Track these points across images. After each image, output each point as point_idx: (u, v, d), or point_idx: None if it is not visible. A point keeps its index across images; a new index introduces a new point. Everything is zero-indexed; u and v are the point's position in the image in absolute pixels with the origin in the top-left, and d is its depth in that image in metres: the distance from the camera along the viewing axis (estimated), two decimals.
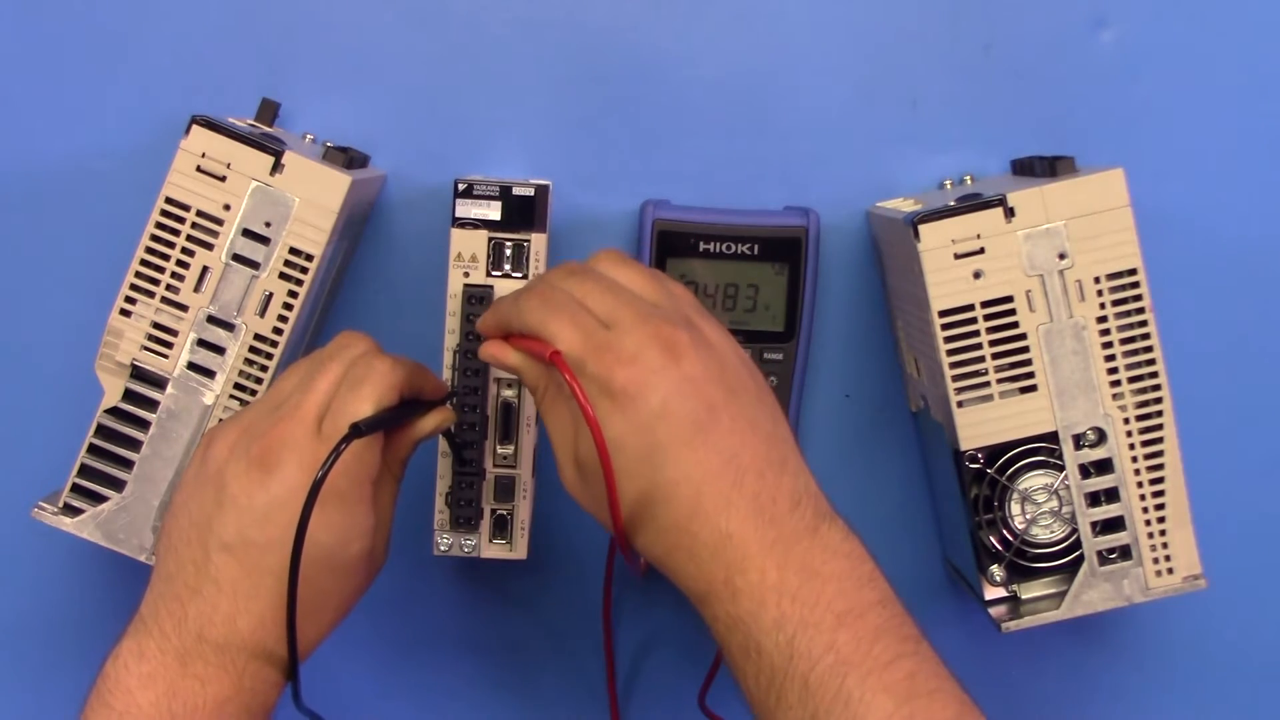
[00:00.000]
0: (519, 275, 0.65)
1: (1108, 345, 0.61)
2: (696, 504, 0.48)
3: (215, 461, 0.53)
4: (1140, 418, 0.62)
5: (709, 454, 0.48)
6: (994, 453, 0.62)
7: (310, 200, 0.61)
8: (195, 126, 0.61)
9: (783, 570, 0.46)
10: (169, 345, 0.62)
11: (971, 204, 0.60)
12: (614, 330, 0.49)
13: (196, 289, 0.62)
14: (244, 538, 0.52)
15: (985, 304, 0.61)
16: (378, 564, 0.57)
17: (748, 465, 0.48)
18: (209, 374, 0.63)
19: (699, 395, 0.48)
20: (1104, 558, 0.63)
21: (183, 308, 0.62)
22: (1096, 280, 0.61)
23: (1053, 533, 0.63)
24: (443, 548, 0.66)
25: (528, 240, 0.65)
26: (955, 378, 0.61)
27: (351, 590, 0.55)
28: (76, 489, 0.63)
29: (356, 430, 0.51)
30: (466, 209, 0.64)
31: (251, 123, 0.67)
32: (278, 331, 0.63)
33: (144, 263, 0.62)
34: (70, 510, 0.63)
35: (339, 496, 0.52)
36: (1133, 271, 0.61)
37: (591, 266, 0.54)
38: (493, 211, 0.64)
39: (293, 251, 0.62)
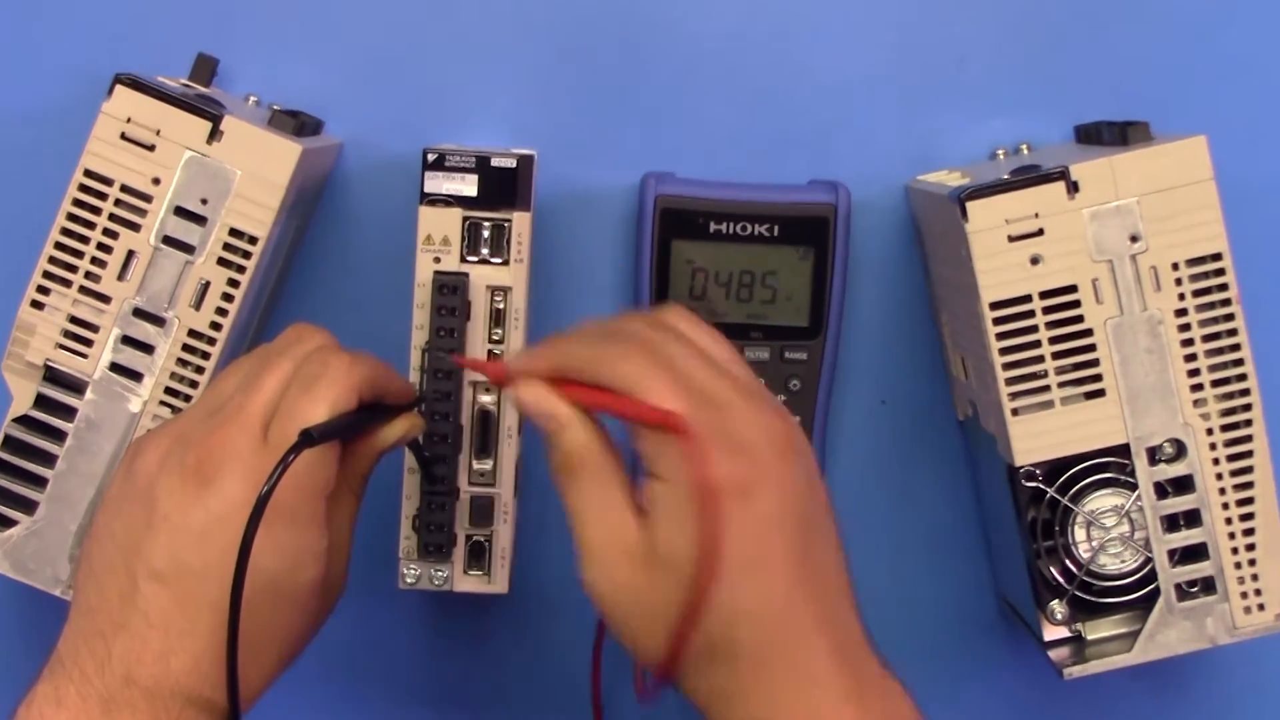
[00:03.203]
0: (498, 260, 0.65)
1: (1188, 343, 0.61)
2: (783, 633, 0.48)
3: (143, 474, 0.53)
4: (1226, 428, 0.62)
5: (807, 577, 0.49)
6: (1055, 469, 0.62)
7: (254, 173, 0.61)
8: (119, 87, 0.61)
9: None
10: (88, 343, 0.62)
11: (1028, 177, 0.60)
12: (724, 411, 0.49)
13: (121, 277, 0.62)
14: (177, 563, 0.52)
15: (1044, 294, 0.61)
16: (333, 595, 0.57)
17: (834, 595, 0.50)
18: (135, 376, 0.63)
19: (802, 506, 0.49)
20: (1183, 592, 0.63)
21: (104, 299, 0.62)
22: (1175, 266, 0.61)
23: (1123, 562, 0.63)
24: (409, 580, 0.66)
25: (508, 220, 0.65)
26: (1009, 381, 0.61)
27: (302, 626, 0.55)
28: None
29: (308, 437, 0.51)
30: (437, 183, 0.64)
31: (185, 82, 0.67)
32: (216, 327, 0.63)
33: (59, 246, 0.61)
34: None
35: (288, 515, 0.52)
36: (1217, 256, 0.61)
37: (672, 324, 0.53)
38: (468, 186, 0.64)
39: (233, 233, 0.62)
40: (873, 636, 0.50)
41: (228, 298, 0.62)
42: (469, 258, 0.65)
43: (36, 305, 0.62)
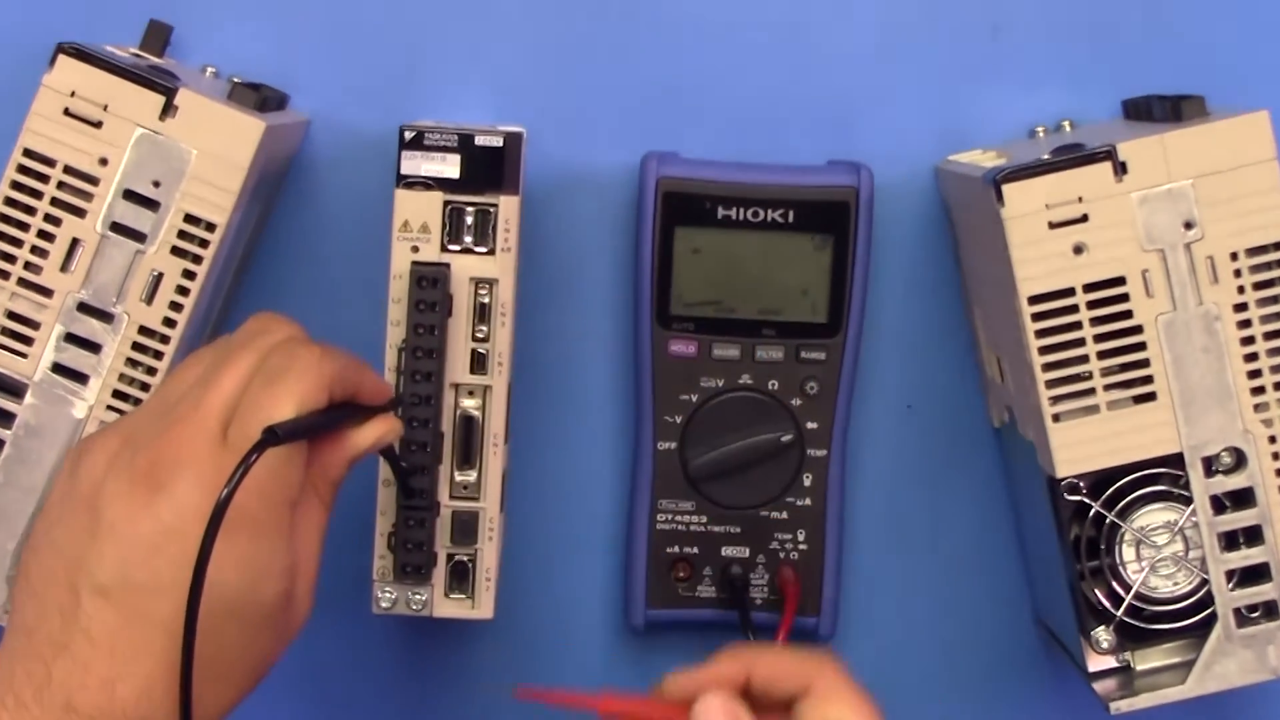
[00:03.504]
0: (483, 250, 0.65)
1: (1248, 340, 0.61)
2: None
3: (89, 479, 0.53)
4: None
5: None
6: (1101, 481, 0.62)
7: (212, 153, 0.61)
8: (62, 57, 0.61)
9: None
10: (28, 341, 0.62)
11: (1071, 157, 0.60)
12: None
13: (64, 268, 0.62)
14: (125, 578, 0.51)
15: (1089, 287, 0.61)
16: (299, 615, 0.56)
17: None
18: (80, 378, 0.63)
19: None
20: (1243, 617, 0.63)
21: (46, 292, 0.62)
22: (1234, 256, 0.61)
23: (1176, 585, 0.63)
24: (384, 604, 0.66)
25: (494, 205, 0.65)
26: (1050, 383, 0.61)
27: (264, 649, 0.55)
28: None
29: (273, 435, 0.51)
30: (415, 164, 0.64)
31: (136, 52, 0.67)
32: (170, 323, 0.62)
33: None
34: None
35: (249, 524, 0.52)
36: None
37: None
38: (449, 167, 0.64)
39: (189, 219, 0.62)
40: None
41: (183, 291, 0.62)
42: (450, 247, 0.65)
43: None
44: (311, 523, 0.57)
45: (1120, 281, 0.61)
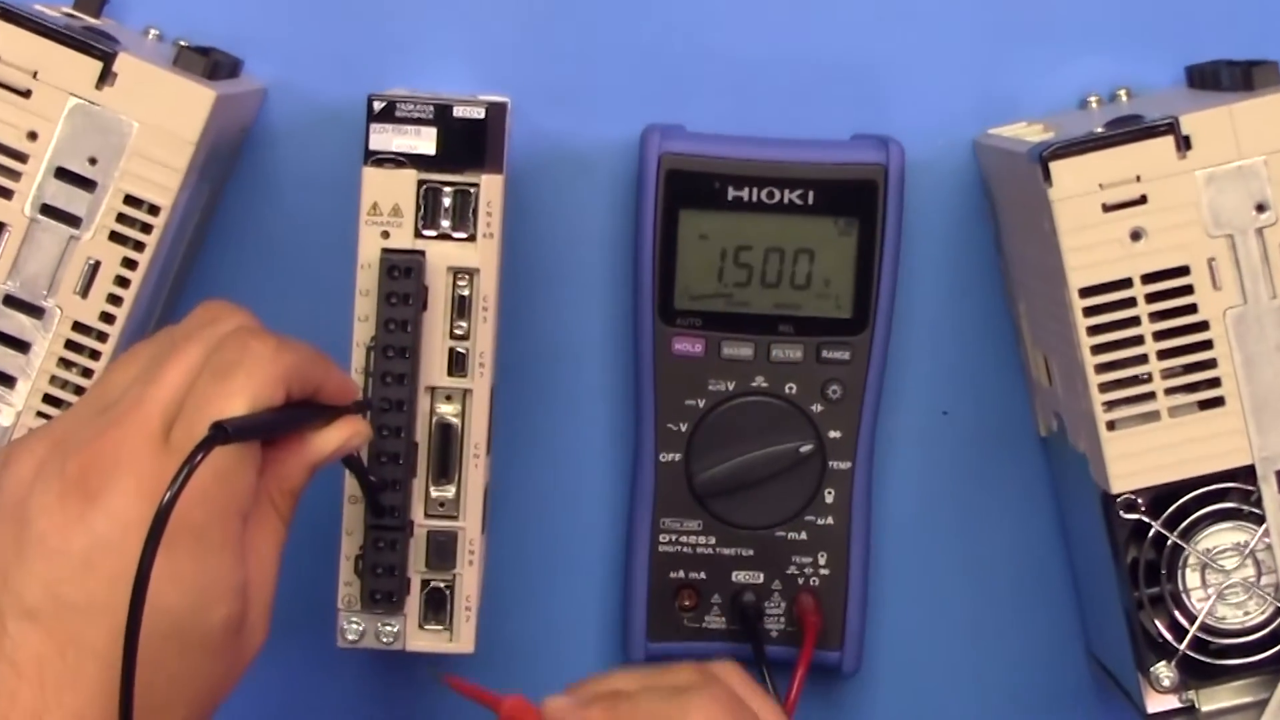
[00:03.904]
0: (462, 236, 0.64)
1: None
2: None
3: (14, 488, 0.53)
4: None
5: None
6: (1162, 497, 0.62)
7: (155, 126, 0.61)
8: None
9: None
10: None
11: (1128, 131, 0.60)
12: None
13: None
14: (55, 599, 0.51)
15: (1148, 278, 0.61)
16: (252, 643, 0.56)
17: None
18: (7, 381, 0.63)
19: None
20: None
21: None
22: None
23: (1247, 614, 0.63)
24: (351, 637, 0.66)
25: (475, 184, 0.64)
26: (1104, 386, 0.61)
27: (212, 680, 0.54)
28: None
29: (221, 432, 0.51)
30: (385, 138, 0.64)
31: (69, 12, 0.67)
32: (108, 319, 0.63)
33: None
34: None
35: (195, 536, 0.52)
36: None
37: (726, 687, 0.59)
38: (424, 142, 0.64)
39: (130, 201, 0.62)
40: None
41: (123, 282, 0.62)
42: (425, 232, 0.65)
43: None
44: (266, 537, 0.56)
45: (1183, 271, 0.61)
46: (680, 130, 0.69)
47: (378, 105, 0.64)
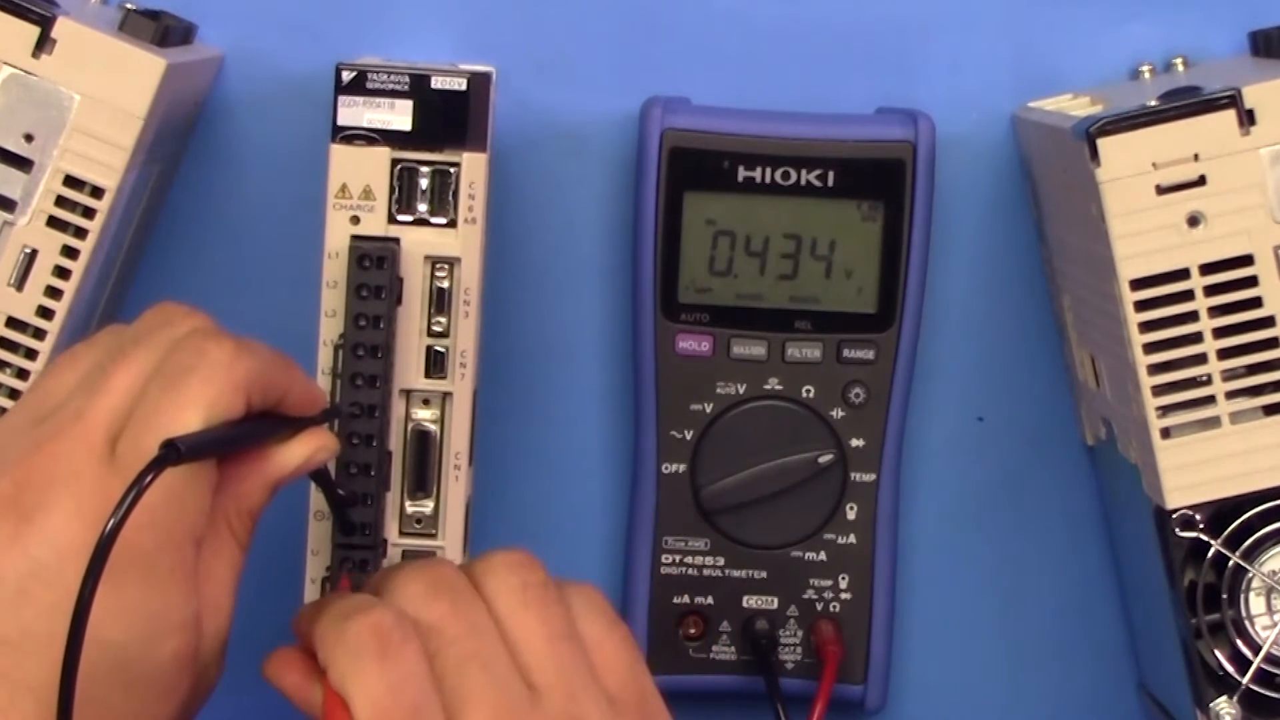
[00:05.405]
0: (441, 221, 0.64)
1: None
2: None
3: None
4: None
5: None
6: (1222, 513, 0.61)
7: (99, 98, 0.61)
8: None
9: None
10: None
11: (1185, 104, 0.59)
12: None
13: None
14: None
15: (1207, 268, 0.60)
16: (206, 682, 0.56)
17: None
18: None
19: None
20: None
21: None
22: None
23: None
24: None
25: (456, 164, 0.63)
26: (1158, 390, 0.60)
27: (162, 719, 0.54)
28: None
29: (173, 451, 0.50)
30: (356, 112, 0.63)
31: None
32: (46, 314, 0.62)
33: None
34: None
35: (142, 564, 0.51)
36: None
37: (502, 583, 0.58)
38: (399, 116, 0.63)
39: (70, 182, 0.61)
40: None
41: (63, 273, 0.62)
42: (401, 217, 0.64)
43: None
44: (222, 564, 0.56)
45: (1246, 261, 0.60)
46: (685, 103, 0.68)
47: (347, 75, 0.63)
